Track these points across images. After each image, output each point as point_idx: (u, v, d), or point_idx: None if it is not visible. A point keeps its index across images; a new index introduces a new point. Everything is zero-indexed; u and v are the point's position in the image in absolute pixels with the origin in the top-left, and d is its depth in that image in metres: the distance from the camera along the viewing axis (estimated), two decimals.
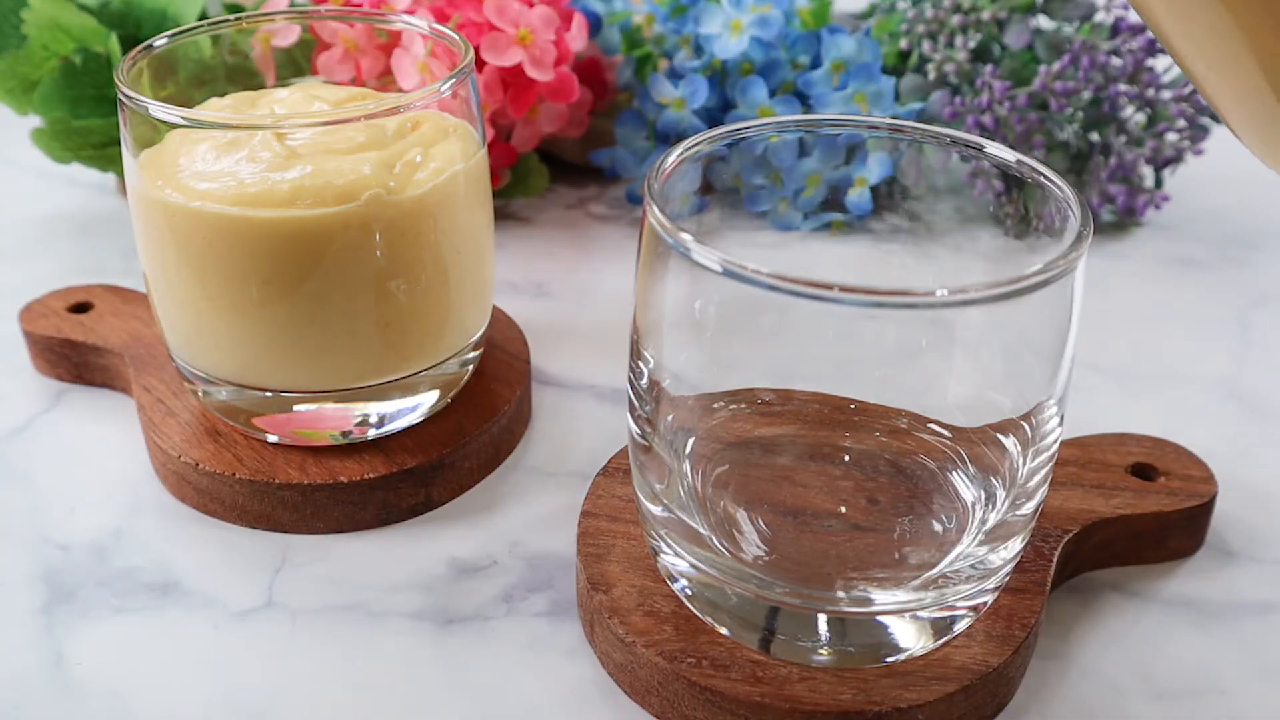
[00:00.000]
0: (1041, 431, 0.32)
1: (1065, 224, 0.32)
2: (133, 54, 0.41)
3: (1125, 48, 0.60)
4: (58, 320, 0.50)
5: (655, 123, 0.61)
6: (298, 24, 0.50)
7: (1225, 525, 0.42)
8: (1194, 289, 0.59)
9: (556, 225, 0.63)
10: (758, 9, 0.59)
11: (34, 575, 0.40)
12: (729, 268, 0.29)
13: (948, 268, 0.41)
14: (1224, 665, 0.37)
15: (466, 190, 0.41)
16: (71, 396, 0.49)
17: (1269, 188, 0.70)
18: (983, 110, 0.60)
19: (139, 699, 0.35)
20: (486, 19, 0.56)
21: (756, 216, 0.45)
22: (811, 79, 0.58)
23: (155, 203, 0.39)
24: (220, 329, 0.40)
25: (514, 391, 0.46)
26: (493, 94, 0.57)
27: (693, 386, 0.35)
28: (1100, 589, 0.40)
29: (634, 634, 0.34)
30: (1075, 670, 0.36)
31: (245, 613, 0.38)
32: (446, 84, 0.40)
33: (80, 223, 0.63)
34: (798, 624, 0.33)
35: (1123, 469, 0.41)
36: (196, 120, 0.38)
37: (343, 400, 0.42)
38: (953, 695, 0.33)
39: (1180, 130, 0.62)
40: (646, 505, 0.35)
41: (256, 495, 0.41)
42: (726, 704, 0.33)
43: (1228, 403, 0.50)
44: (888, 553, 0.35)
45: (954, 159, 0.36)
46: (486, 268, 0.44)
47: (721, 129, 0.35)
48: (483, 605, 0.39)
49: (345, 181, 0.38)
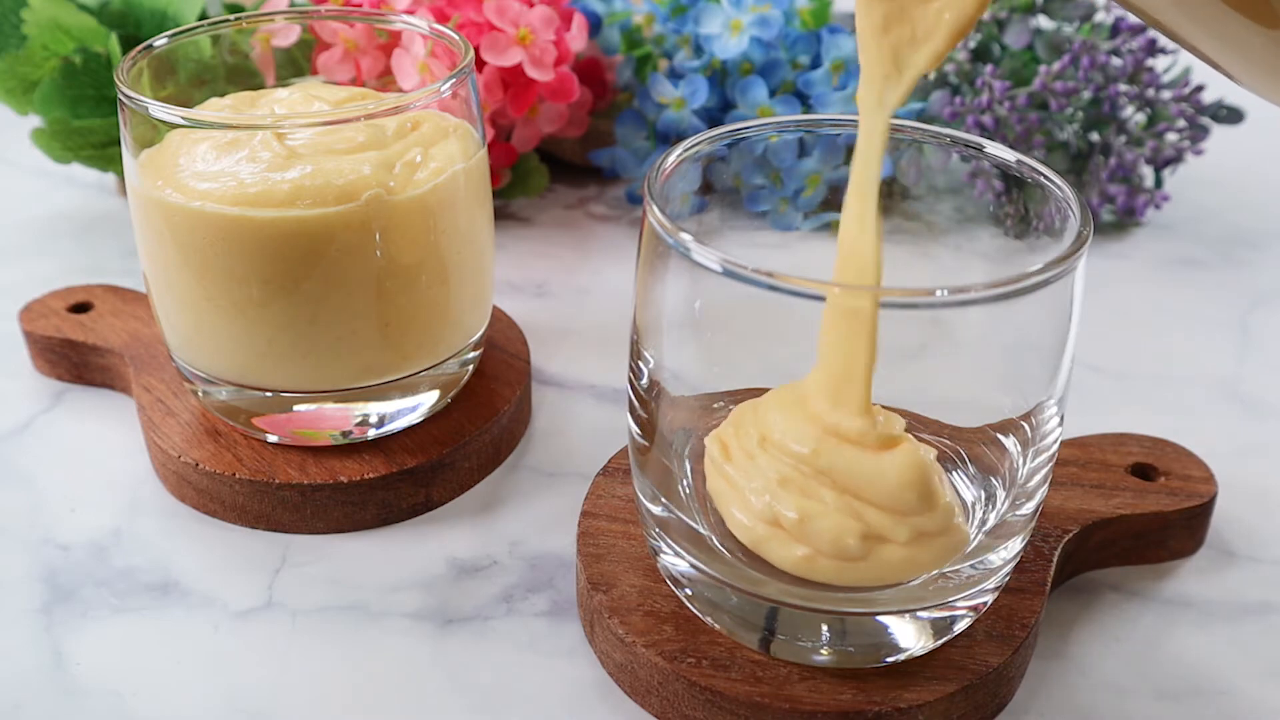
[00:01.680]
0: (1041, 431, 0.32)
1: (1065, 224, 0.32)
2: (133, 54, 0.41)
3: (1125, 48, 0.61)
4: (58, 320, 0.50)
5: (655, 123, 0.61)
6: (298, 24, 0.50)
7: (1225, 525, 0.42)
8: (1194, 289, 0.59)
9: (556, 225, 0.63)
10: (758, 9, 0.59)
11: (34, 575, 0.40)
12: (729, 268, 0.29)
13: (948, 268, 0.41)
14: (1224, 665, 0.37)
15: (466, 190, 0.41)
16: (71, 396, 0.49)
17: (1269, 188, 0.70)
18: (983, 110, 0.60)
19: (139, 699, 0.35)
20: (486, 19, 0.56)
21: (756, 216, 0.45)
22: (811, 79, 0.58)
23: (155, 203, 0.39)
24: (220, 329, 0.40)
25: (514, 391, 0.46)
26: (493, 94, 0.57)
27: (693, 386, 0.35)
28: (1100, 589, 0.40)
29: (634, 634, 0.34)
30: (1075, 670, 0.36)
31: (245, 613, 0.38)
32: (446, 84, 0.40)
33: (80, 223, 0.63)
34: (797, 624, 0.33)
35: (1123, 469, 0.41)
36: (196, 120, 0.38)
37: (343, 400, 0.42)
38: (953, 695, 0.33)
39: (1180, 130, 0.62)
40: (646, 505, 0.35)
41: (256, 495, 0.41)
42: (726, 704, 0.33)
43: (1228, 403, 0.50)
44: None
45: (954, 159, 0.36)
46: (486, 268, 0.44)
47: (721, 129, 0.35)
48: (483, 605, 0.39)
49: (345, 181, 0.38)
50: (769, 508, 0.32)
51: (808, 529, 0.31)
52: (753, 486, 0.32)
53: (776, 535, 0.32)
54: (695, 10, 0.60)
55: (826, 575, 0.31)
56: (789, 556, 0.32)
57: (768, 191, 0.49)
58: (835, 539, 0.31)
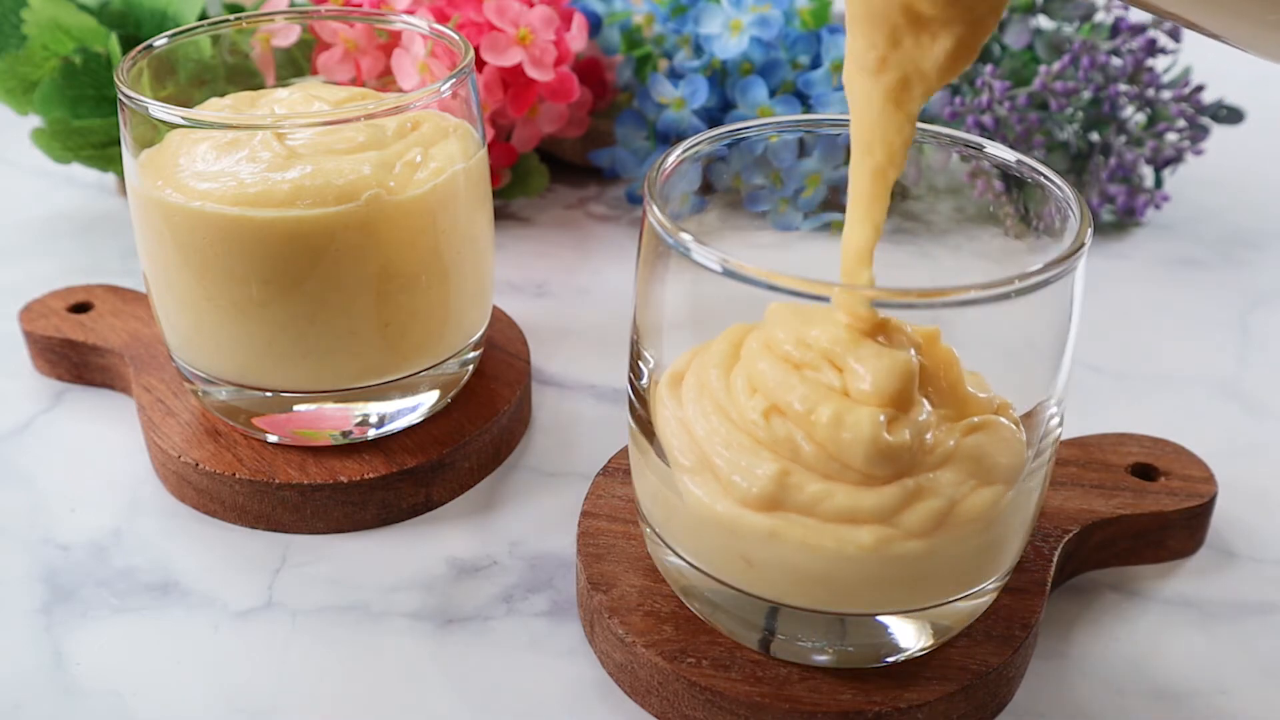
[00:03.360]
0: (1041, 431, 0.32)
1: (1065, 224, 0.32)
2: (133, 54, 0.41)
3: (1125, 48, 0.60)
4: (58, 320, 0.50)
5: (655, 123, 0.61)
6: (298, 24, 0.50)
7: (1225, 525, 0.42)
8: (1194, 289, 0.59)
9: (556, 225, 0.63)
10: (758, 9, 0.59)
11: (34, 575, 0.40)
12: (729, 268, 0.29)
13: (948, 268, 0.41)
14: (1224, 665, 0.37)
15: (466, 190, 0.41)
16: (71, 396, 0.49)
17: (1269, 188, 0.70)
18: (983, 110, 0.60)
19: (139, 699, 0.35)
20: (486, 19, 0.56)
21: (756, 216, 0.45)
22: (811, 79, 0.58)
23: (155, 203, 0.39)
24: (220, 329, 0.40)
25: (514, 391, 0.46)
26: (493, 94, 0.57)
27: None
28: (1100, 589, 0.40)
29: (634, 634, 0.34)
30: (1075, 670, 0.36)
31: (245, 613, 0.38)
32: (446, 84, 0.40)
33: (80, 223, 0.63)
34: (798, 624, 0.33)
35: (1123, 469, 0.41)
36: (196, 120, 0.38)
37: (343, 400, 0.42)
38: (953, 695, 0.33)
39: (1180, 130, 0.62)
40: (646, 505, 0.35)
41: (256, 495, 0.41)
42: (726, 704, 0.33)
43: (1228, 403, 0.50)
44: None
45: (954, 159, 0.36)
46: (486, 268, 0.44)
47: (721, 129, 0.35)
48: (483, 605, 0.39)
49: (345, 181, 0.38)
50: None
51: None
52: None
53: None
54: (695, 10, 0.60)
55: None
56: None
57: (768, 191, 0.49)
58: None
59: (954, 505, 0.30)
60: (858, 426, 0.30)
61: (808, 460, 0.30)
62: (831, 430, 0.30)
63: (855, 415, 0.30)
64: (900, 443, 0.30)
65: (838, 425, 0.30)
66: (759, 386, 0.31)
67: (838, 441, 0.30)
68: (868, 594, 0.31)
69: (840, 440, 0.30)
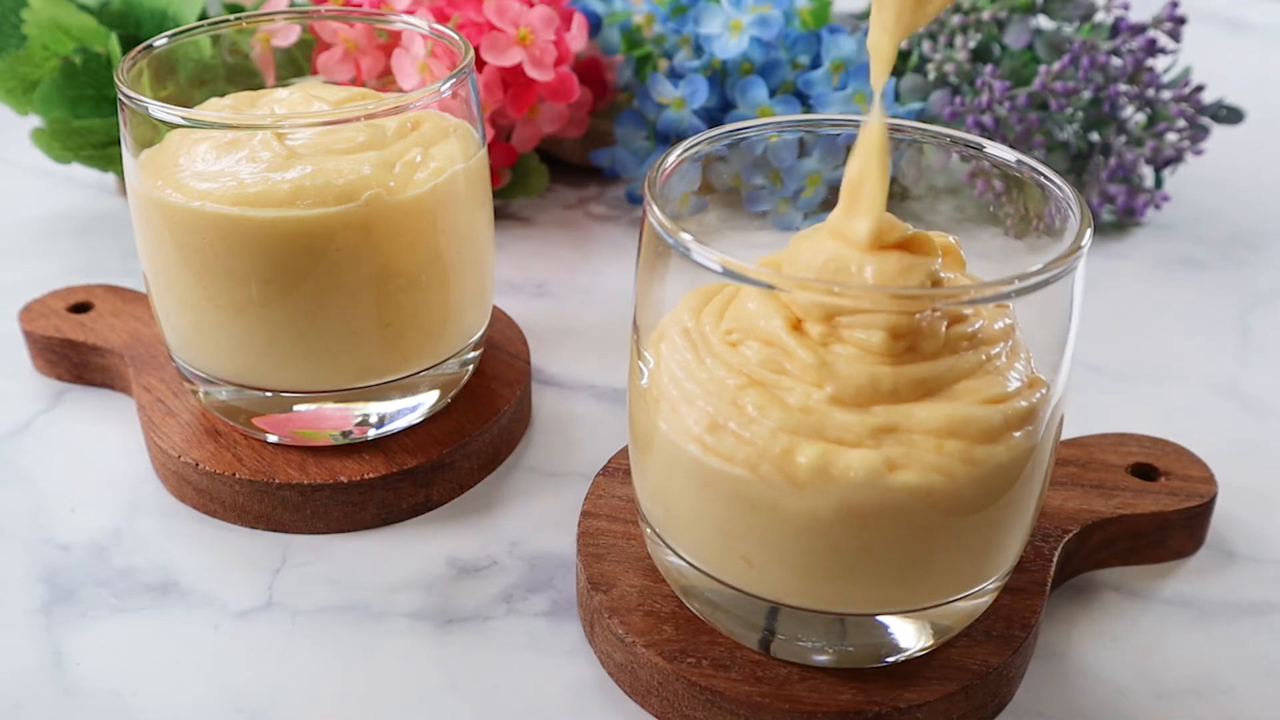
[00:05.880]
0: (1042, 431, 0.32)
1: (1065, 224, 0.32)
2: (133, 54, 0.41)
3: (1125, 48, 0.60)
4: (58, 320, 0.50)
5: (655, 123, 0.61)
6: (298, 24, 0.50)
7: (1225, 525, 0.42)
8: (1194, 289, 0.59)
9: (556, 225, 0.63)
10: (758, 9, 0.59)
11: (34, 575, 0.40)
12: (729, 268, 0.29)
13: None
14: (1224, 665, 0.37)
15: (466, 190, 0.41)
16: (71, 396, 0.49)
17: (1269, 188, 0.70)
18: (983, 110, 0.60)
19: (139, 699, 0.35)
20: (486, 19, 0.56)
21: (756, 216, 0.45)
22: (811, 79, 0.58)
23: (155, 203, 0.39)
24: (220, 329, 0.40)
25: (514, 391, 0.46)
26: (493, 94, 0.57)
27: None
28: (1100, 589, 0.40)
29: (634, 634, 0.34)
30: (1075, 670, 0.36)
31: (245, 613, 0.38)
32: (446, 84, 0.40)
33: (80, 223, 0.63)
34: (798, 624, 0.33)
35: (1123, 469, 0.41)
36: (196, 120, 0.38)
37: (343, 400, 0.42)
38: (953, 695, 0.33)
39: (1180, 130, 0.62)
40: (646, 505, 0.35)
41: (256, 495, 0.41)
42: (726, 704, 0.33)
43: (1228, 403, 0.50)
44: None
45: (954, 159, 0.36)
46: (486, 268, 0.44)
47: (721, 129, 0.35)
48: (483, 605, 0.39)
49: (345, 181, 0.38)
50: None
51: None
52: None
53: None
54: (695, 10, 0.60)
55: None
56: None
57: (768, 191, 0.49)
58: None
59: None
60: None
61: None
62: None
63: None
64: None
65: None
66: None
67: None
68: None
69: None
